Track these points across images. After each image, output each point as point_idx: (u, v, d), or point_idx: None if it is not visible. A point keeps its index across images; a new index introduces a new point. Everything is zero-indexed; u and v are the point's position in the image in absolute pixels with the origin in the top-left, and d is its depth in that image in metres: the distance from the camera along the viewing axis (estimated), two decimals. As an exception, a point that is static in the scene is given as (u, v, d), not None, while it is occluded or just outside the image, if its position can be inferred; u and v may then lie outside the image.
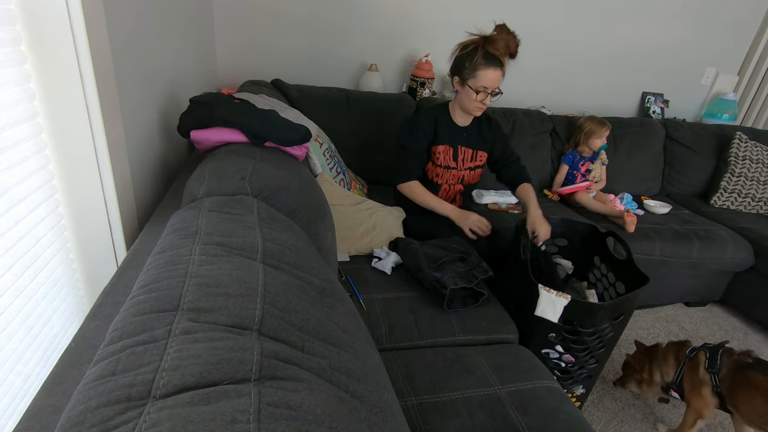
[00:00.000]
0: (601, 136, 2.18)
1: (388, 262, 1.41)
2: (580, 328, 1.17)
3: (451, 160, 1.62)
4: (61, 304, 0.89)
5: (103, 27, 0.85)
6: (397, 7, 2.24)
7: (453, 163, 1.63)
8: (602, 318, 1.17)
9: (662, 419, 1.53)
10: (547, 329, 1.20)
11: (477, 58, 1.40)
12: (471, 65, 1.43)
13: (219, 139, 1.07)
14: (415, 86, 2.25)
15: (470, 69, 1.43)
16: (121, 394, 0.39)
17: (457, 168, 1.64)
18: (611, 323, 1.21)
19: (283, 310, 0.55)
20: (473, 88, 1.45)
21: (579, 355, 1.23)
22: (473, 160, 1.65)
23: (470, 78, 1.44)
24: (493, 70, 1.41)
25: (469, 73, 1.44)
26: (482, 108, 1.51)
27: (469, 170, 1.66)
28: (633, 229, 1.94)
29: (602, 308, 1.14)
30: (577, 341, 1.20)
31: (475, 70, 1.42)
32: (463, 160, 1.63)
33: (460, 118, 1.61)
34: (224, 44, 2.14)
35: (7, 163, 0.71)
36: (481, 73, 1.42)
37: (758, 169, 2.37)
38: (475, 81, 1.44)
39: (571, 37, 2.51)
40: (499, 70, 1.42)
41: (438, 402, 0.95)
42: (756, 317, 2.13)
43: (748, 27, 2.79)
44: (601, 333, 1.21)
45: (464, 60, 1.44)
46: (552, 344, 1.23)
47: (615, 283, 1.41)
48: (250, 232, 0.69)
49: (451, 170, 1.64)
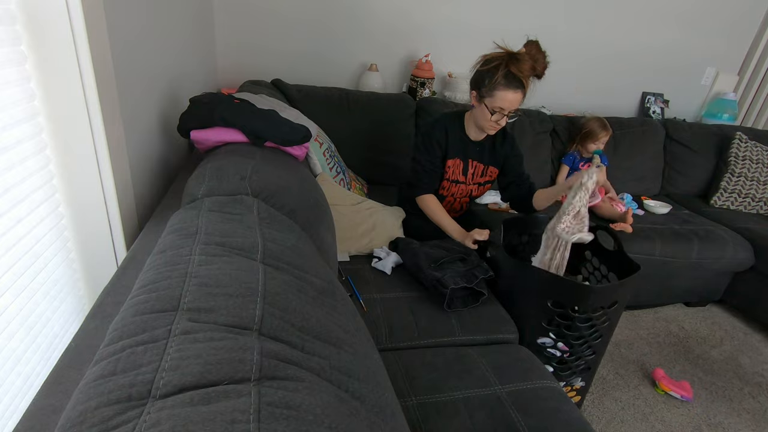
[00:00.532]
0: (598, 141, 2.14)
1: (388, 262, 1.41)
2: (572, 312, 1.18)
3: (460, 175, 1.56)
4: (61, 304, 0.89)
5: (103, 27, 0.85)
6: (397, 7, 2.24)
7: (462, 177, 1.57)
8: (594, 302, 1.18)
9: (662, 419, 1.53)
10: (540, 316, 1.21)
11: (498, 78, 1.32)
12: (490, 83, 1.34)
13: (219, 139, 1.07)
14: (415, 86, 2.25)
15: (489, 87, 1.35)
16: (121, 394, 0.39)
17: (466, 183, 1.59)
18: (605, 311, 1.21)
19: (283, 310, 0.55)
20: (489, 107, 1.37)
21: (574, 344, 1.24)
22: (483, 175, 1.59)
23: (488, 96, 1.36)
24: (513, 93, 1.33)
25: (487, 91, 1.36)
26: (496, 128, 1.44)
27: (477, 185, 1.61)
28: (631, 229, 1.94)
29: (593, 291, 1.15)
30: (571, 327, 1.21)
31: (494, 89, 1.34)
32: (473, 174, 1.58)
33: (474, 133, 1.53)
34: (224, 44, 2.14)
35: (8, 163, 0.71)
36: (500, 94, 1.34)
37: (758, 169, 2.37)
38: (492, 101, 1.36)
39: (571, 37, 2.51)
40: (520, 92, 1.34)
41: (438, 402, 0.95)
42: (756, 317, 2.13)
43: (748, 27, 2.79)
44: (595, 321, 1.22)
45: (484, 76, 1.36)
46: (546, 331, 1.23)
47: (608, 274, 1.42)
48: (250, 232, 0.69)
49: (459, 185, 1.58)
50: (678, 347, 1.92)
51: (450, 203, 1.65)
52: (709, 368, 1.81)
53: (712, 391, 1.69)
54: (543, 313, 1.21)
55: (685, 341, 1.96)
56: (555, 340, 1.25)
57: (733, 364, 1.86)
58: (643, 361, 1.80)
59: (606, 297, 1.20)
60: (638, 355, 1.84)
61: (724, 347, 1.96)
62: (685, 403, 1.61)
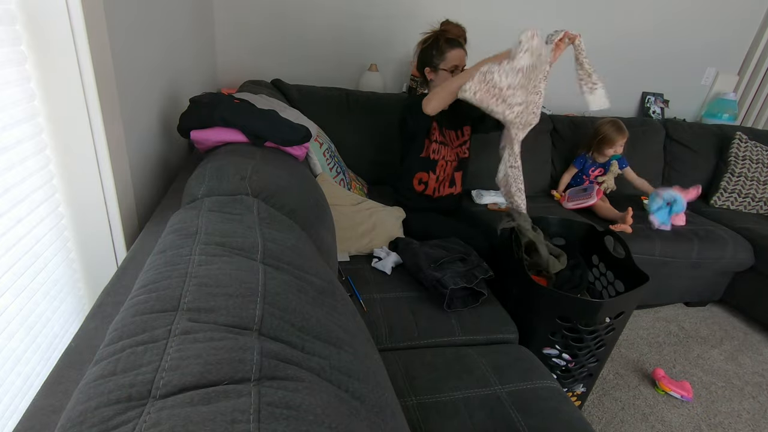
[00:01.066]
0: (615, 145, 2.08)
1: (388, 262, 1.41)
2: (581, 326, 1.17)
3: (444, 138, 1.71)
4: (61, 304, 0.89)
5: (103, 27, 0.85)
6: (397, 7, 2.24)
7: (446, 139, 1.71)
8: (602, 315, 1.17)
9: (662, 419, 1.53)
10: (547, 328, 1.20)
11: (441, 45, 1.58)
12: (438, 52, 1.59)
13: (219, 139, 1.07)
14: (415, 86, 2.25)
15: (438, 55, 1.59)
16: (121, 394, 0.39)
17: (451, 146, 1.72)
18: (611, 321, 1.21)
19: (283, 310, 0.55)
20: (447, 69, 1.59)
21: (579, 354, 1.23)
22: (459, 137, 1.75)
23: (441, 62, 1.59)
24: (458, 50, 1.59)
25: (438, 58, 1.59)
26: None
27: (460, 146, 1.75)
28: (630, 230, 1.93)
29: (603, 305, 1.14)
30: (578, 339, 1.20)
31: (443, 53, 1.58)
32: (451, 139, 1.73)
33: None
34: (224, 44, 2.14)
35: (8, 163, 0.71)
36: (450, 54, 1.58)
37: (758, 169, 2.37)
38: (446, 63, 1.59)
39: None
40: (462, 49, 1.60)
41: (438, 402, 0.95)
42: (756, 317, 2.13)
43: (748, 27, 2.79)
44: (601, 331, 1.21)
45: (430, 51, 1.61)
46: (553, 343, 1.23)
47: (614, 281, 1.41)
48: (250, 232, 0.69)
49: (446, 147, 1.71)
50: (678, 347, 1.92)
51: (443, 167, 1.72)
52: (709, 368, 1.81)
53: (712, 391, 1.69)
54: (550, 325, 1.20)
55: (685, 341, 1.96)
56: (560, 351, 1.25)
57: (733, 364, 1.86)
58: (643, 361, 1.80)
59: (614, 309, 1.19)
60: (638, 355, 1.84)
61: (724, 347, 1.96)
62: (685, 403, 1.61)
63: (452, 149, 1.72)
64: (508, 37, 1.45)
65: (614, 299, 1.16)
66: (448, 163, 1.72)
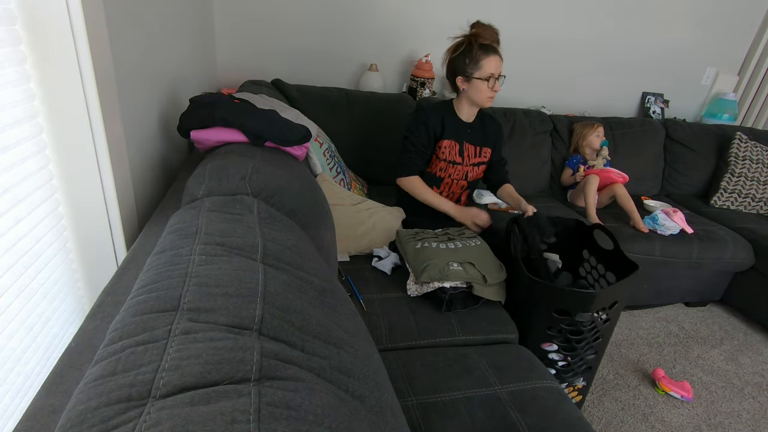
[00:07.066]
0: (596, 134, 2.22)
1: (388, 262, 1.41)
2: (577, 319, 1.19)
3: (456, 156, 1.64)
4: (61, 304, 0.89)
5: (103, 27, 0.85)
6: (397, 7, 2.24)
7: (459, 158, 1.65)
8: (597, 306, 1.19)
9: (662, 419, 1.53)
10: (544, 323, 1.22)
11: (475, 52, 1.47)
12: (472, 60, 1.48)
13: (219, 139, 1.07)
14: (415, 86, 2.25)
15: (472, 63, 1.48)
16: (121, 394, 0.39)
17: (463, 164, 1.66)
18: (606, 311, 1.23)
19: (283, 310, 0.55)
20: (482, 78, 1.49)
21: (577, 346, 1.24)
22: (477, 156, 1.68)
23: (476, 71, 1.49)
24: (494, 57, 1.48)
25: (472, 67, 1.49)
26: (494, 96, 1.55)
27: (473, 166, 1.69)
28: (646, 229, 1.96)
29: (596, 296, 1.17)
30: (575, 332, 1.21)
31: (478, 62, 1.48)
32: (468, 156, 1.66)
33: (466, 115, 1.63)
34: (224, 44, 2.14)
35: (7, 163, 0.71)
36: (485, 62, 1.48)
37: (758, 170, 2.37)
38: (481, 72, 1.49)
39: (571, 37, 2.51)
40: (497, 55, 1.49)
41: (438, 402, 0.95)
42: (756, 317, 2.13)
43: (748, 27, 2.79)
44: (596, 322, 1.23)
45: (462, 58, 1.50)
46: (551, 337, 1.23)
47: (605, 273, 1.43)
48: (250, 232, 0.69)
49: (456, 165, 1.65)
50: (678, 347, 1.92)
51: (448, 185, 1.70)
52: (709, 368, 1.81)
53: (712, 392, 1.69)
54: (547, 320, 1.21)
55: (685, 341, 1.96)
56: (559, 346, 1.25)
57: (733, 364, 1.86)
58: (643, 361, 1.80)
59: (607, 299, 1.21)
60: (638, 355, 1.84)
61: (724, 347, 1.96)
62: (685, 403, 1.61)
63: (464, 167, 1.66)
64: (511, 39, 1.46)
65: (607, 289, 1.19)
66: (455, 182, 1.69)
